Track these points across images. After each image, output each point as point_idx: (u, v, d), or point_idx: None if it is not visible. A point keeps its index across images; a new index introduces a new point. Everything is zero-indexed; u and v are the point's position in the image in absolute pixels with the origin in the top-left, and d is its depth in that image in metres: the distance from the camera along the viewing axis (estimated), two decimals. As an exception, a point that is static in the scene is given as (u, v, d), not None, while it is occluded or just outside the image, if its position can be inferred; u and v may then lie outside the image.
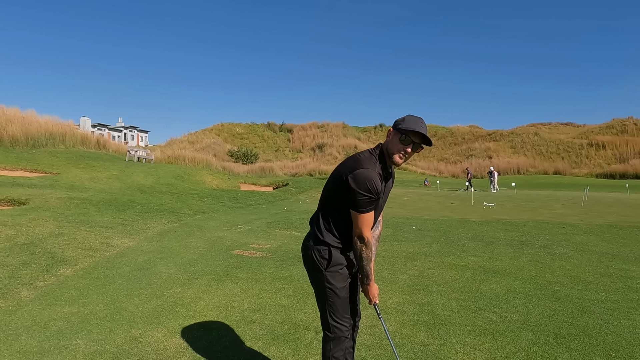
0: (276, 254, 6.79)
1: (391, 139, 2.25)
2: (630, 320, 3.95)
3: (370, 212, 2.20)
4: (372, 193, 2.15)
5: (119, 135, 66.33)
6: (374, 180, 2.15)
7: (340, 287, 2.32)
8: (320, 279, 2.33)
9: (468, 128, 64.29)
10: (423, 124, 2.22)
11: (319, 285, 2.35)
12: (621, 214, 13.15)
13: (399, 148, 2.21)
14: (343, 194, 2.22)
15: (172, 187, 17.02)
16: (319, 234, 2.34)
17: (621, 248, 7.55)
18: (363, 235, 2.21)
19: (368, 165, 2.19)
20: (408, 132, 2.18)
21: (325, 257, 2.31)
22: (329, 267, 2.30)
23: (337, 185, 2.27)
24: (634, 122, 55.35)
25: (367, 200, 2.16)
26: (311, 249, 2.36)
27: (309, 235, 2.44)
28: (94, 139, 27.39)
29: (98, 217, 9.33)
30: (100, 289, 4.76)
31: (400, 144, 2.20)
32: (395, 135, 2.23)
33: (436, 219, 11.48)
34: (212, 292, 4.70)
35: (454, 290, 4.86)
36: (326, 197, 2.37)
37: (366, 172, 2.15)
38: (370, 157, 2.24)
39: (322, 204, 2.40)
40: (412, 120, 2.22)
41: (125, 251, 6.71)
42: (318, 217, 2.40)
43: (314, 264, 2.34)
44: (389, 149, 2.24)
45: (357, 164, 2.21)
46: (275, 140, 64.53)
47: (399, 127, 2.22)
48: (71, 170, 16.90)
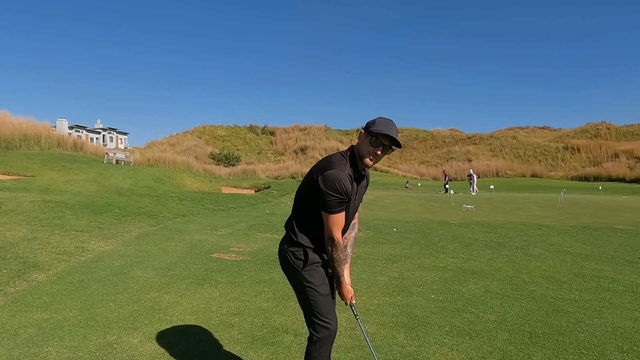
0: (257, 257, 6.75)
1: (362, 141, 2.27)
2: (602, 318, 4.05)
3: (340, 213, 2.21)
4: (340, 194, 2.16)
5: (98, 137, 64.95)
6: (343, 181, 2.16)
7: (320, 284, 2.33)
8: (299, 279, 2.34)
9: (448, 131, 65.24)
10: (393, 127, 2.24)
11: (299, 286, 2.36)
12: (595, 215, 13.54)
13: (369, 150, 2.23)
14: (314, 195, 2.24)
15: (151, 190, 16.74)
16: (293, 236, 2.35)
17: (594, 249, 7.77)
18: (333, 237, 2.22)
19: (338, 166, 2.21)
20: (378, 134, 2.21)
21: (300, 258, 2.32)
22: (305, 267, 2.32)
23: (308, 186, 2.29)
24: (607, 126, 57.14)
25: (336, 201, 2.17)
26: (286, 251, 2.37)
27: (284, 238, 2.45)
28: (70, 140, 26.75)
29: (74, 221, 9.10)
30: (74, 294, 4.64)
31: (371, 146, 2.23)
32: (366, 137, 2.26)
33: (417, 221, 11.59)
34: (191, 296, 4.63)
35: (433, 292, 4.91)
36: (299, 199, 2.38)
37: (335, 173, 2.17)
38: (341, 158, 2.26)
39: (295, 205, 2.42)
40: (383, 123, 2.24)
41: (101, 255, 6.56)
42: (292, 220, 2.41)
43: (290, 265, 2.35)
44: (360, 150, 2.27)
45: (328, 165, 2.23)
46: (257, 143, 64.19)
47: (370, 129, 2.24)
48: (46, 173, 16.46)
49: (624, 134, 54.76)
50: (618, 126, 57.20)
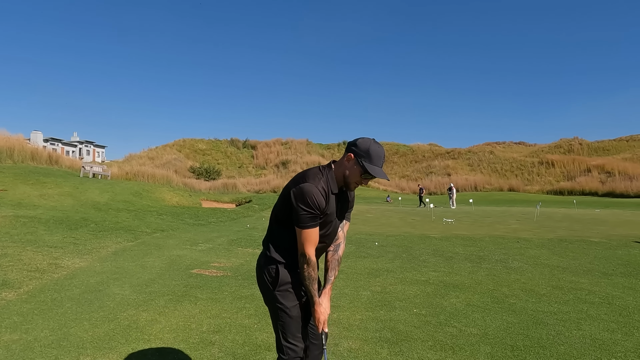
0: (237, 273, 6.64)
1: (351, 167, 2.19)
2: (581, 330, 4.12)
3: (312, 228, 2.13)
4: (312, 208, 2.10)
5: (74, 151, 63.53)
6: (315, 196, 2.10)
7: (291, 307, 2.24)
8: (271, 299, 2.27)
9: (428, 146, 66.40)
10: (384, 157, 2.22)
11: (271, 305, 2.29)
12: (570, 228, 13.88)
13: (357, 180, 2.21)
14: (288, 210, 2.18)
15: (129, 205, 16.37)
16: (267, 252, 2.30)
17: (571, 261, 7.94)
18: (305, 253, 2.14)
19: (312, 180, 2.14)
20: (370, 174, 2.16)
21: (272, 276, 2.25)
22: (278, 287, 2.24)
23: (283, 200, 2.22)
24: (579, 142, 59.20)
25: (307, 216, 2.10)
26: (261, 267, 2.31)
27: (260, 255, 2.40)
28: (45, 154, 26.07)
29: (47, 237, 8.81)
30: (47, 313, 4.45)
31: (360, 177, 2.20)
32: (356, 166, 2.18)
33: (398, 235, 11.65)
34: (169, 313, 4.50)
35: (416, 306, 4.91)
36: (274, 214, 2.32)
37: (307, 187, 2.10)
38: (318, 173, 2.20)
39: (271, 221, 2.36)
40: (376, 157, 2.16)
41: (75, 272, 6.34)
42: (267, 236, 2.37)
43: (264, 283, 2.30)
44: (348, 176, 2.20)
45: (302, 179, 2.17)
46: (238, 157, 63.85)
47: (363, 163, 2.15)
48: (19, 187, 15.93)
49: (595, 150, 56.79)
50: (590, 142, 59.35)
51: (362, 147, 2.16)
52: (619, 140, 58.96)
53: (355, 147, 2.17)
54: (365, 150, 2.15)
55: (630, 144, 56.81)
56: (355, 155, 2.17)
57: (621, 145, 57.19)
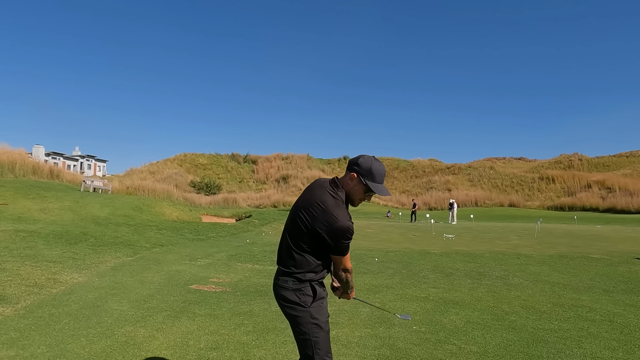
0: (236, 289, 6.61)
1: (355, 186, 2.35)
2: (582, 349, 4.09)
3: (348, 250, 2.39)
4: (350, 239, 2.33)
5: (75, 165, 63.70)
6: (351, 230, 2.30)
7: (324, 321, 2.36)
8: (305, 316, 2.33)
9: (428, 161, 66.47)
10: (384, 175, 2.38)
11: (303, 324, 2.33)
12: (571, 244, 13.83)
13: (361, 197, 2.39)
14: (319, 242, 2.33)
15: (129, 219, 16.37)
16: (300, 276, 2.36)
17: (571, 278, 7.89)
18: (348, 268, 2.45)
19: (342, 214, 2.29)
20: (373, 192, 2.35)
21: (309, 295, 2.35)
22: (313, 303, 2.34)
23: (311, 236, 2.33)
24: (579, 157, 59.30)
25: (347, 245, 2.34)
26: (291, 290, 2.36)
27: (283, 275, 2.41)
28: (47, 168, 26.17)
29: (46, 251, 8.79)
30: (44, 329, 4.43)
31: (364, 194, 2.37)
32: (360, 184, 2.34)
33: (398, 251, 11.61)
34: (167, 329, 4.48)
35: (415, 323, 4.87)
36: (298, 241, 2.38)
37: (346, 225, 2.27)
38: (337, 202, 2.32)
39: (293, 246, 2.39)
40: (378, 175, 2.33)
41: (74, 287, 6.31)
42: (293, 258, 2.38)
43: (296, 304, 2.34)
44: (352, 194, 2.38)
45: (331, 217, 2.28)
46: (239, 171, 63.96)
47: (367, 182, 2.32)
48: (19, 201, 15.95)
49: (595, 165, 56.85)
50: (590, 157, 59.43)
51: (364, 166, 2.31)
52: (619, 156, 59.07)
53: (358, 167, 2.32)
54: (367, 169, 2.30)
55: (630, 159, 56.90)
56: (358, 174, 2.32)
57: (621, 161, 57.29)
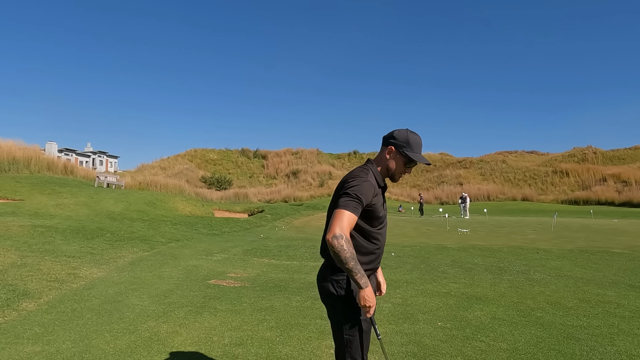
0: (255, 283, 6.57)
1: (394, 159, 2.27)
2: (615, 346, 3.96)
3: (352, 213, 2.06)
4: (358, 195, 2.09)
5: (87, 161, 64.40)
6: (364, 185, 2.12)
7: (362, 319, 2.20)
8: (339, 310, 2.20)
9: (439, 155, 65.90)
10: (421, 144, 2.30)
11: (338, 318, 2.21)
12: (589, 239, 13.57)
13: (401, 170, 2.29)
14: None
15: (143, 214, 16.47)
16: (332, 263, 2.22)
17: (594, 273, 7.72)
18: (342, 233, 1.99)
19: (362, 174, 2.19)
20: (415, 161, 2.26)
21: (343, 287, 2.19)
22: (348, 298, 2.18)
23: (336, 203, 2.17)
24: (593, 150, 58.26)
25: (351, 201, 2.07)
26: (329, 280, 2.23)
27: (324, 265, 2.31)
28: (60, 164, 26.43)
29: (64, 246, 8.86)
30: (67, 324, 4.43)
31: (404, 167, 2.28)
32: (399, 157, 2.27)
33: (414, 245, 11.50)
34: (190, 325, 4.45)
35: (440, 319, 4.79)
36: None
37: (358, 178, 2.15)
38: (363, 170, 2.24)
39: None
40: (416, 144, 2.26)
41: (94, 282, 6.33)
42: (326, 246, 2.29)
43: (332, 296, 2.21)
44: (392, 169, 2.29)
45: (349, 176, 2.20)
46: (249, 167, 64.11)
47: (406, 153, 2.24)
48: (36, 197, 16.13)
49: (610, 159, 55.83)
50: (604, 150, 58.37)
51: (401, 138, 2.25)
52: (635, 149, 57.89)
53: (394, 140, 2.26)
54: (405, 140, 2.25)
55: (646, 152, 55.79)
56: (396, 147, 2.25)
57: (637, 153, 56.14)
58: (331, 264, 2.24)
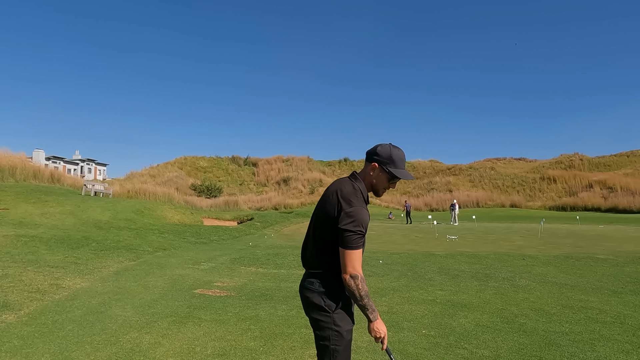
0: (241, 293, 6.54)
1: (377, 176, 2.27)
2: (595, 352, 4.01)
3: (361, 248, 2.14)
4: (362, 230, 2.14)
5: (75, 169, 63.68)
6: (365, 218, 2.16)
7: (348, 330, 2.22)
8: (328, 322, 2.19)
9: (429, 162, 66.37)
10: (404, 159, 2.29)
11: (325, 329, 2.20)
12: (575, 245, 13.75)
13: (385, 186, 2.30)
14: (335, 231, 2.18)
15: (131, 223, 16.30)
16: (322, 273, 2.23)
17: (578, 279, 7.82)
18: (357, 273, 2.10)
19: (357, 202, 2.17)
20: (399, 178, 2.26)
21: (335, 299, 2.20)
22: (337, 308, 2.20)
23: (332, 228, 2.19)
24: (580, 157, 59.17)
25: (357, 238, 2.12)
26: (317, 292, 2.22)
27: (310, 277, 2.29)
28: (47, 172, 26.11)
29: (48, 256, 8.73)
30: (48, 336, 4.36)
31: (387, 183, 2.29)
32: (382, 173, 2.26)
33: (402, 253, 11.54)
34: (173, 336, 4.41)
35: (424, 326, 4.80)
36: (321, 237, 2.26)
37: (358, 210, 2.14)
38: (354, 191, 2.22)
39: (316, 241, 2.28)
40: (399, 160, 2.26)
41: (77, 293, 6.24)
42: (316, 257, 2.27)
43: (320, 308, 2.21)
44: (375, 185, 2.29)
45: (345, 201, 2.17)
46: (239, 174, 63.91)
47: (389, 170, 2.24)
48: (20, 206, 15.89)
49: (596, 165, 56.74)
50: (590, 157, 59.32)
51: (384, 155, 2.25)
52: (620, 156, 58.93)
53: (377, 156, 2.26)
54: (387, 157, 2.25)
55: (631, 159, 56.76)
56: (379, 163, 2.25)
57: (622, 160, 57.16)
58: (320, 277, 2.24)
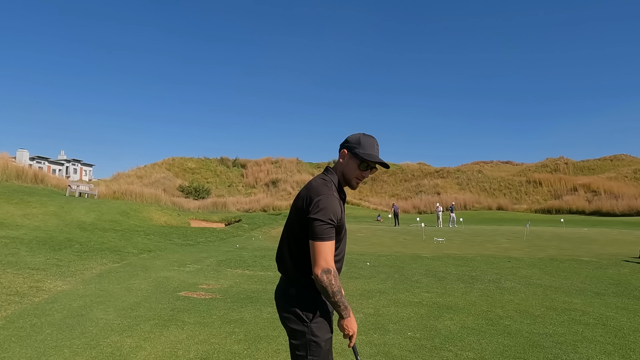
0: (227, 295, 6.46)
1: (347, 163, 2.13)
2: (578, 353, 4.04)
3: (332, 240, 1.99)
4: (332, 219, 1.98)
5: (60, 169, 62.60)
6: (335, 206, 2.01)
7: (326, 339, 2.08)
8: (304, 331, 2.05)
9: (417, 165, 66.80)
10: (377, 146, 2.15)
11: (301, 339, 2.06)
12: (560, 247, 13.93)
13: (356, 174, 2.13)
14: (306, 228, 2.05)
15: (116, 224, 16.06)
16: (303, 281, 2.09)
17: (562, 281, 7.90)
18: (328, 267, 1.94)
19: (326, 192, 2.04)
20: (367, 160, 2.10)
21: (310, 308, 2.07)
22: (315, 317, 2.07)
23: (300, 222, 2.05)
24: (565, 161, 60.15)
25: (327, 228, 1.96)
26: (291, 298, 2.09)
27: (285, 282, 2.17)
28: (31, 172, 25.63)
29: (29, 258, 8.53)
30: (25, 340, 4.24)
31: (358, 170, 2.12)
32: (352, 159, 2.12)
33: (389, 255, 11.55)
34: (155, 339, 4.33)
35: (410, 329, 4.80)
36: (295, 239, 2.11)
37: (325, 198, 2.00)
38: (324, 182, 2.10)
39: (290, 245, 2.14)
40: (369, 144, 2.11)
41: (57, 296, 6.10)
42: (291, 260, 2.12)
43: (296, 316, 2.08)
44: (346, 174, 2.14)
45: (314, 192, 2.05)
46: (228, 176, 63.52)
47: (356, 152, 2.10)
48: (2, 206, 15.53)
49: (581, 169, 57.72)
50: (575, 161, 60.35)
51: (353, 140, 2.14)
52: (604, 160, 60.06)
53: (347, 142, 2.15)
54: (356, 142, 2.13)
55: (615, 163, 57.89)
56: (348, 149, 2.14)
57: (605, 164, 58.24)
58: (296, 283, 2.12)
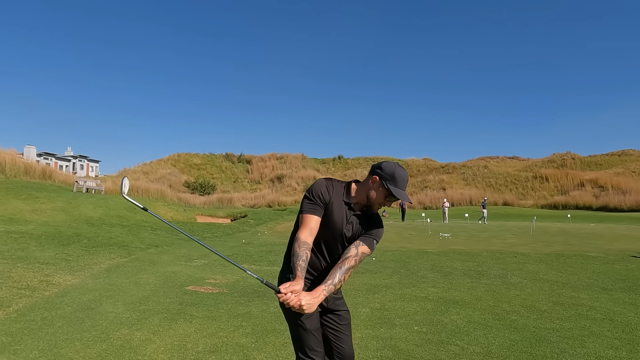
0: (233, 289, 6.52)
1: (377, 189, 2.28)
2: (585, 348, 4.04)
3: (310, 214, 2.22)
4: (314, 197, 2.24)
5: (67, 165, 63.07)
6: (318, 186, 2.28)
7: (306, 319, 2.23)
8: (287, 312, 2.27)
9: (422, 161, 66.56)
10: (406, 181, 2.30)
11: (288, 320, 2.33)
12: (566, 243, 13.86)
13: (381, 202, 2.30)
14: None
15: (123, 220, 16.19)
16: (284, 264, 2.43)
17: (569, 276, 7.88)
18: (298, 235, 2.20)
19: (324, 179, 2.33)
20: (395, 197, 2.27)
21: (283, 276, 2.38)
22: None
23: None
24: (572, 156, 59.67)
25: (308, 203, 2.24)
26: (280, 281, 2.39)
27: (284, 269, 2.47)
28: (39, 168, 25.86)
29: (38, 253, 8.64)
30: (37, 333, 4.31)
31: (384, 199, 2.29)
32: (381, 188, 2.27)
33: (395, 250, 11.56)
34: (164, 332, 4.38)
35: (416, 323, 4.81)
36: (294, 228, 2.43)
37: (316, 181, 2.32)
38: (331, 178, 2.37)
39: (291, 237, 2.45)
40: (401, 180, 2.25)
41: (67, 290, 6.19)
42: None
43: None
44: (372, 198, 2.30)
45: None
46: (233, 171, 63.69)
47: (389, 187, 2.24)
48: (11, 202, 15.71)
49: (588, 164, 57.25)
50: (582, 156, 59.84)
51: (388, 171, 2.25)
52: (611, 155, 59.51)
53: (381, 170, 2.27)
54: (390, 174, 2.25)
55: (622, 158, 57.36)
56: (381, 178, 2.26)
57: (613, 159, 57.73)
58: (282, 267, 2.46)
